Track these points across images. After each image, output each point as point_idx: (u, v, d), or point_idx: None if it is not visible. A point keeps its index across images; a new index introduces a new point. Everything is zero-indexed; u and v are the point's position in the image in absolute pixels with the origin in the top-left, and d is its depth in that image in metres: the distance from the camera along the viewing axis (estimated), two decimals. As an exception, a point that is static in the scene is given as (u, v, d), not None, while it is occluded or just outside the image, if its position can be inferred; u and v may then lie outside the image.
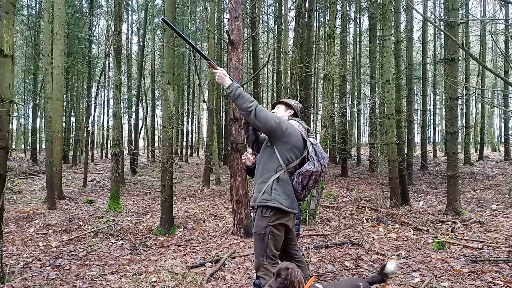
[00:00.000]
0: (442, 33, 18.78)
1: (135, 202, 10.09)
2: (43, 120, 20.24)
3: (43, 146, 23.39)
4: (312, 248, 5.57)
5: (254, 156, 3.56)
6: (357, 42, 23.60)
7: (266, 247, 3.04)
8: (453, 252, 5.29)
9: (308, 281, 2.60)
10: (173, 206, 7.18)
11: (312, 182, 3.13)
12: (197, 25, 24.96)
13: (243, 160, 3.58)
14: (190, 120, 31.00)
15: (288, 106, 3.44)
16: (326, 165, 3.19)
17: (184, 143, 30.28)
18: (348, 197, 10.72)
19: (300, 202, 3.40)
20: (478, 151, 22.27)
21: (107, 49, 16.43)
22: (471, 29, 23.32)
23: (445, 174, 8.55)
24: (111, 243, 5.97)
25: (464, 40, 18.02)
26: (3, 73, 4.23)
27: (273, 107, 3.54)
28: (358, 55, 23.55)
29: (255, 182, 3.25)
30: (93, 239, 6.19)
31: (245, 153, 3.59)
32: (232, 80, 3.17)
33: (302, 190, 3.13)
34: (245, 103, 3.04)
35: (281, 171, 3.08)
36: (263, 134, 3.40)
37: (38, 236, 6.45)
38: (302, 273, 2.57)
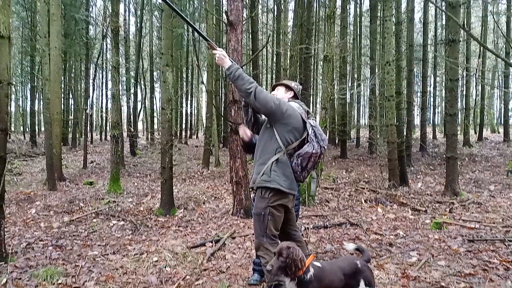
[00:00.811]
0: (443, 14, 18.57)
1: (135, 183, 10.14)
2: (42, 102, 20.19)
3: (42, 128, 23.34)
4: (311, 229, 5.63)
5: (251, 132, 3.56)
6: (358, 23, 23.32)
7: (266, 227, 3.06)
8: (451, 232, 5.35)
9: (307, 259, 2.64)
10: (173, 188, 7.22)
11: (311, 164, 3.13)
12: (195, 6, 24.60)
13: (240, 135, 3.58)
14: (189, 102, 30.88)
15: (288, 87, 3.41)
16: (326, 147, 3.18)
17: (183, 125, 30.24)
18: (347, 178, 10.78)
19: (300, 183, 3.41)
20: (478, 133, 22.31)
21: (105, 30, 16.24)
22: (472, 9, 23.07)
23: (444, 156, 8.58)
24: (112, 224, 6.03)
25: (465, 20, 17.82)
26: (1, 54, 4.19)
27: (273, 89, 3.52)
28: (358, 36, 23.29)
29: (254, 163, 3.26)
30: (94, 220, 6.25)
31: (241, 126, 3.58)
32: (232, 62, 3.14)
33: (301, 172, 3.14)
34: (245, 84, 3.02)
35: (280, 153, 3.08)
36: (263, 116, 3.39)
37: (40, 217, 6.50)
38: (303, 255, 2.61)
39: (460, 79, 9.03)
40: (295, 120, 3.11)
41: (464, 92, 21.15)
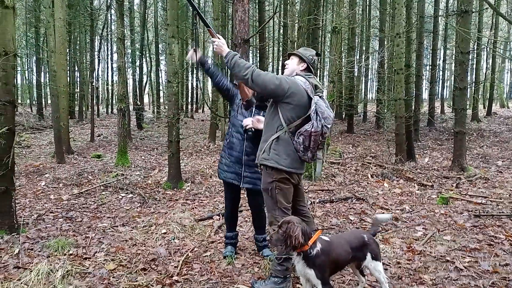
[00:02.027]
0: (456, -17, 17.95)
1: (143, 157, 10.21)
2: (47, 75, 20.12)
3: (49, 101, 23.39)
4: (317, 203, 5.67)
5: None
6: (367, -7, 22.70)
7: (276, 201, 3.06)
8: (457, 207, 5.36)
9: (314, 234, 2.66)
10: (180, 162, 7.26)
11: (313, 143, 2.99)
12: (201, -25, 24.04)
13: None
14: (194, 75, 30.64)
15: (301, 59, 3.23)
16: (329, 125, 3.03)
17: (189, 99, 30.12)
18: (354, 153, 10.76)
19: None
20: (487, 107, 22.02)
21: (109, 0, 15.98)
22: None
23: (452, 130, 8.51)
24: (120, 197, 6.11)
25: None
26: (5, 25, 4.14)
27: (288, 57, 3.41)
28: (368, 7, 22.69)
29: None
30: (103, 193, 6.33)
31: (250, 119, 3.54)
32: (229, 50, 3.07)
33: (304, 151, 3.01)
34: (241, 71, 2.93)
35: (281, 131, 3.02)
36: None
37: (49, 189, 6.60)
38: (305, 228, 2.61)
39: (471, 51, 8.81)
40: (299, 96, 2.99)
41: (474, 66, 20.76)
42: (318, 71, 21.42)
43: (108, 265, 3.56)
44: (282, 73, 3.32)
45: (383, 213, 5.19)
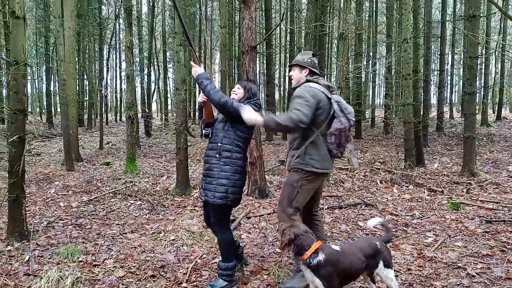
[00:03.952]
0: (463, -12, 17.90)
1: (151, 164, 10.25)
2: (57, 83, 20.37)
3: (58, 109, 23.60)
4: (326, 209, 5.64)
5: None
6: (374, -1, 22.73)
7: (294, 198, 3.15)
8: (468, 213, 5.30)
9: (313, 245, 2.65)
10: (188, 168, 7.28)
11: (344, 138, 3.21)
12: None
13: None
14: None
15: (301, 67, 3.34)
16: (354, 119, 3.25)
17: (197, 106, 30.24)
18: (362, 159, 10.71)
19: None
20: (496, 112, 21.83)
21: (117, 9, 16.17)
22: (494, -17, 22.15)
23: (461, 136, 8.43)
24: (129, 204, 6.13)
25: (487, -5, 17.19)
26: (16, 35, 4.21)
27: (289, 70, 3.51)
28: (374, 13, 22.72)
29: (288, 146, 3.35)
30: (112, 200, 6.36)
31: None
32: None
33: (338, 148, 3.24)
34: (288, 126, 2.96)
35: (313, 136, 3.15)
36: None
37: (59, 196, 6.65)
38: (300, 237, 2.64)
39: (480, 56, 8.74)
40: (324, 102, 3.14)
41: (483, 70, 20.60)
42: (326, 77, 21.41)
43: (117, 272, 3.57)
44: (290, 85, 3.43)
45: (377, 218, 5.14)
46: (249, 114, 2.99)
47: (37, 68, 30.49)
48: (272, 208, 5.74)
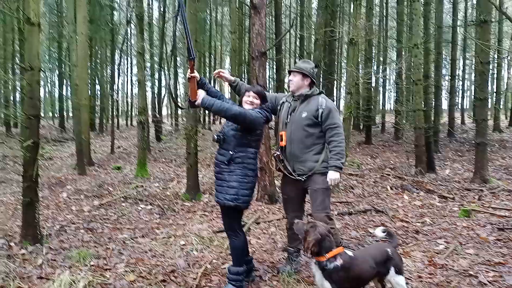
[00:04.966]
0: (475, -7, 17.79)
1: (161, 168, 10.33)
2: (69, 88, 20.67)
3: (70, 114, 23.90)
4: (336, 215, 5.62)
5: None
6: (384, 4, 22.61)
7: (329, 200, 3.53)
8: (479, 220, 5.24)
9: (335, 249, 2.65)
10: (198, 173, 7.32)
11: None
12: (218, -11, 24.41)
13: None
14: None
15: (304, 75, 3.48)
16: None
17: (207, 111, 30.36)
18: (372, 164, 10.65)
19: None
20: (509, 118, 21.55)
21: (129, 15, 16.37)
22: (506, -12, 21.97)
23: (473, 142, 8.35)
24: (140, 208, 6.18)
25: (498, 1, 17.05)
26: (31, 41, 4.29)
27: (289, 74, 3.63)
28: (385, 18, 22.59)
29: (299, 152, 3.45)
30: (123, 204, 6.42)
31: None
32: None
33: None
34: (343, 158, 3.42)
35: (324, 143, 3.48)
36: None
37: (71, 201, 6.73)
38: (326, 239, 2.65)
39: (491, 61, 8.67)
40: None
41: (495, 75, 20.38)
42: (335, 83, 21.36)
43: (128, 276, 3.60)
44: (288, 87, 3.62)
45: (384, 227, 5.10)
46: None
47: (50, 73, 30.93)
48: (281, 213, 5.73)
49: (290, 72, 3.61)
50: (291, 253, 3.68)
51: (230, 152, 3.17)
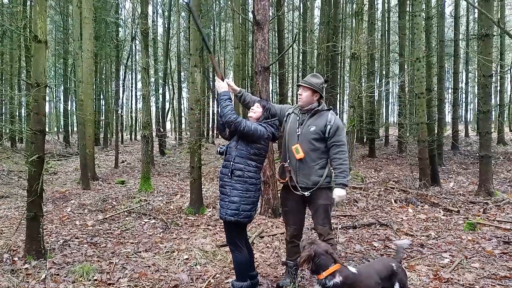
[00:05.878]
0: (476, 7, 17.93)
1: (165, 182, 10.34)
2: (75, 104, 20.86)
3: (75, 129, 24.09)
4: (339, 229, 5.60)
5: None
6: (386, 19, 22.84)
7: (330, 215, 3.59)
8: (485, 233, 5.20)
9: (332, 267, 2.65)
10: (202, 187, 7.33)
11: None
12: (221, 5, 24.77)
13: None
14: (215, 102, 31.08)
15: (314, 90, 3.52)
16: None
17: (210, 125, 30.50)
18: (376, 178, 10.62)
19: None
20: (513, 130, 21.47)
21: (134, 32, 16.62)
22: (506, 1, 22.17)
23: (477, 154, 8.32)
24: (143, 222, 6.18)
25: (499, 14, 17.19)
26: (38, 58, 4.37)
27: (298, 87, 3.67)
28: (386, 32, 22.79)
29: (305, 165, 3.46)
30: (127, 218, 6.42)
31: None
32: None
33: None
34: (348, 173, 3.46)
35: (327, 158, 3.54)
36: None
37: (75, 215, 6.75)
38: (320, 257, 2.70)
39: (494, 75, 8.68)
40: None
41: (498, 88, 20.37)
42: (338, 96, 21.45)
43: (132, 291, 3.59)
44: (292, 101, 3.65)
45: (407, 239, 5.07)
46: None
47: (56, 89, 31.26)
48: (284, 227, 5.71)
49: (299, 85, 3.64)
50: (290, 266, 3.67)
51: (231, 163, 3.22)
